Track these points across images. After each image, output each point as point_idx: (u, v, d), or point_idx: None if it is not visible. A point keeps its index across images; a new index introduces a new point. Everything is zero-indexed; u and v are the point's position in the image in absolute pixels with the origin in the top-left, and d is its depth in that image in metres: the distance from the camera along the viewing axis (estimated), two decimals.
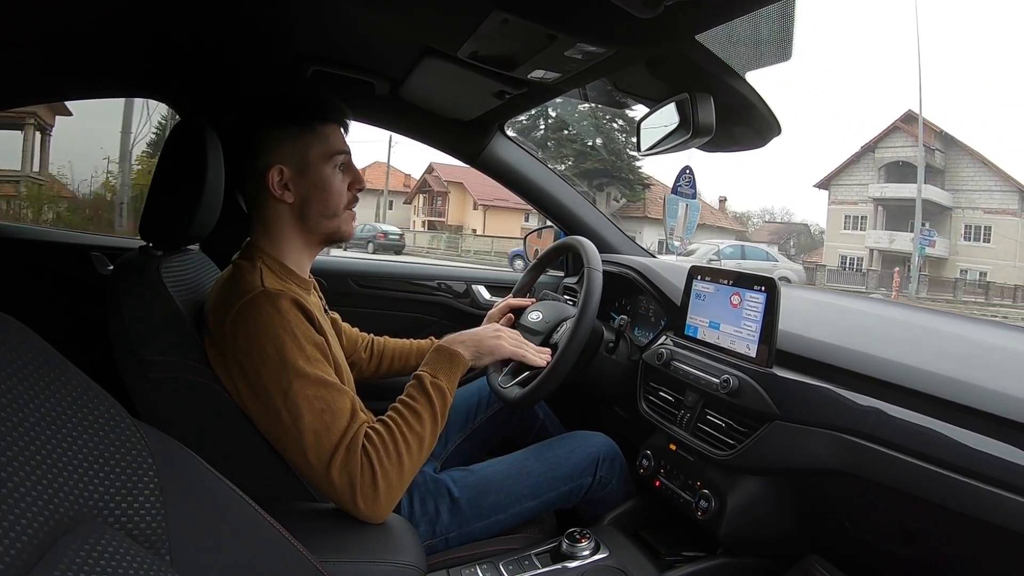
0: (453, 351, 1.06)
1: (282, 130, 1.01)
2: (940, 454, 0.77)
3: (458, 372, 1.04)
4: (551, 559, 1.10)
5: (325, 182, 1.03)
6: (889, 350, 0.95)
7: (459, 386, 1.07)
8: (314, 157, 1.02)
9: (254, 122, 1.03)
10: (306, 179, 1.02)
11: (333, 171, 1.03)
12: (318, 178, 1.02)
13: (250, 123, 1.03)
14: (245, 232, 1.08)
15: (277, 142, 1.01)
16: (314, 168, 1.02)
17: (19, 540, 0.35)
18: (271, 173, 1.00)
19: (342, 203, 1.05)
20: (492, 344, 1.12)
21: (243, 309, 0.91)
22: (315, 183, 1.02)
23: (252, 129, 1.02)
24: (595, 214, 1.84)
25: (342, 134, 1.06)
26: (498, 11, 0.90)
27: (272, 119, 1.02)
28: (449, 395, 1.00)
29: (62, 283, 1.70)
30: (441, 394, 0.99)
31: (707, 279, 1.18)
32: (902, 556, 0.86)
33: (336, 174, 1.04)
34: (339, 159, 1.04)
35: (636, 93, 1.27)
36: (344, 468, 0.87)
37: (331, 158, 1.03)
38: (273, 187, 1.00)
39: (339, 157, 1.04)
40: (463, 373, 1.06)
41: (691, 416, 1.13)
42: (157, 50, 1.39)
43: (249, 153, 1.02)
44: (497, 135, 1.69)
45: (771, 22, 0.98)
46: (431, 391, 0.98)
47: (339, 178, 1.04)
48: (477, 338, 1.11)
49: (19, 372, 0.41)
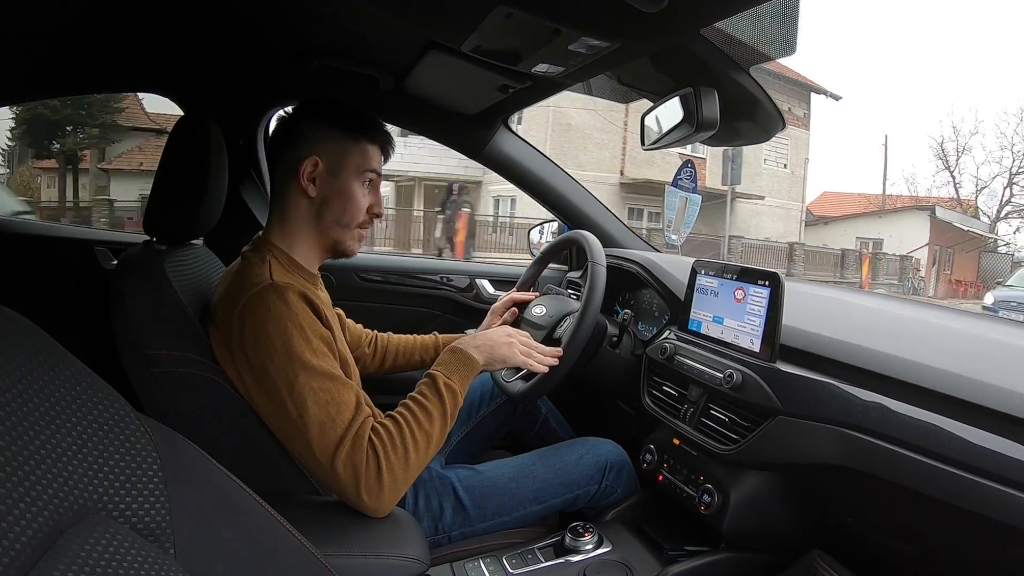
0: (468, 355, 1.05)
1: (330, 128, 1.04)
2: (944, 450, 0.77)
3: (471, 376, 1.05)
4: (554, 553, 1.11)
5: (350, 192, 1.04)
6: (893, 346, 0.94)
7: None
8: (349, 165, 1.04)
9: (305, 112, 1.05)
10: (334, 181, 1.04)
11: (360, 186, 1.06)
12: (345, 185, 1.04)
13: (302, 113, 1.05)
14: (249, 227, 1.08)
15: (321, 137, 1.03)
16: (345, 174, 1.04)
17: (24, 535, 0.35)
18: (306, 162, 1.02)
19: (357, 219, 1.06)
20: (504, 353, 1.11)
21: (251, 302, 0.91)
22: (340, 189, 1.04)
23: (301, 118, 1.05)
24: (599, 208, 1.84)
25: (380, 157, 1.09)
26: (502, 5, 0.89)
27: (324, 117, 1.04)
28: (460, 397, 1.01)
29: (66, 278, 1.71)
30: (453, 395, 1.00)
31: (711, 274, 1.18)
32: (905, 552, 0.86)
33: (362, 190, 1.06)
34: (369, 176, 1.06)
35: (640, 87, 1.27)
36: (349, 460, 0.87)
37: (363, 173, 1.05)
38: (303, 176, 1.02)
39: (369, 175, 1.06)
40: (475, 377, 1.06)
41: (695, 411, 1.13)
42: (160, 44, 1.39)
43: (291, 139, 1.04)
44: (501, 129, 1.69)
45: (775, 16, 0.97)
46: (443, 391, 0.99)
47: (363, 194, 1.06)
48: (491, 344, 1.10)
49: (23, 367, 0.41)
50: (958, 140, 26.48)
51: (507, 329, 1.17)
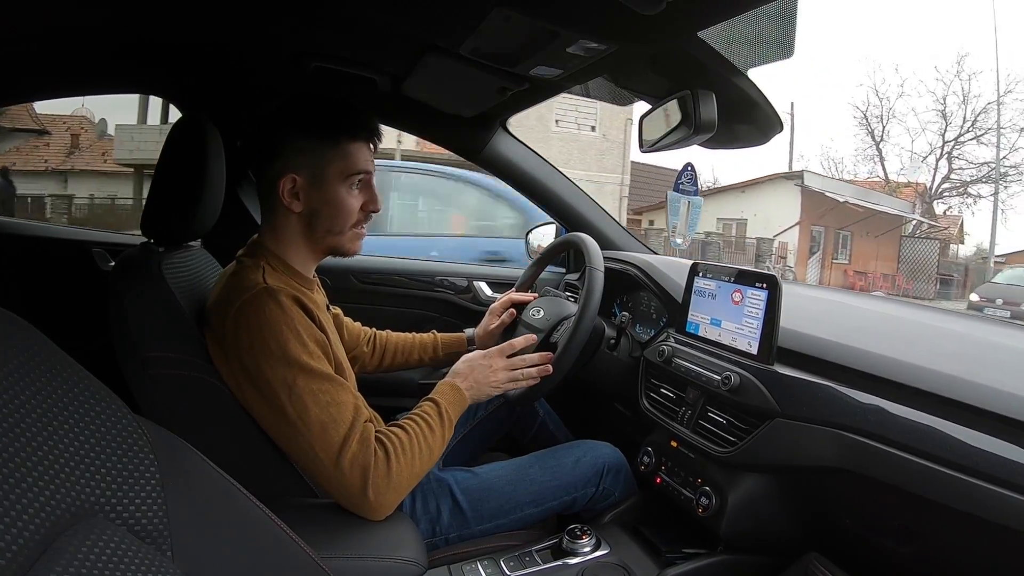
0: (461, 392, 1.07)
1: (304, 139, 0.99)
2: (941, 452, 0.77)
3: (462, 410, 1.07)
4: (552, 555, 1.10)
5: (337, 199, 1.01)
6: (890, 347, 0.94)
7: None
8: (331, 173, 1.00)
9: (277, 124, 1.00)
10: (318, 192, 1.00)
11: (348, 190, 1.02)
12: (331, 195, 1.00)
13: (273, 124, 1.01)
14: (247, 229, 1.08)
15: (296, 151, 0.99)
16: (329, 184, 1.00)
17: (20, 536, 0.35)
18: (283, 181, 0.99)
19: (350, 222, 1.04)
20: (489, 391, 1.12)
21: (245, 306, 0.91)
22: (327, 199, 1.00)
23: (271, 133, 1.00)
24: (597, 211, 1.84)
25: (368, 151, 1.04)
26: (500, 8, 0.89)
27: (296, 127, 0.99)
28: (454, 426, 1.04)
29: (64, 279, 1.70)
30: (450, 422, 1.03)
31: (708, 276, 1.18)
32: (902, 554, 0.86)
33: (351, 192, 1.02)
34: (357, 178, 1.02)
35: (638, 89, 1.27)
36: (357, 460, 0.88)
37: (348, 177, 1.01)
38: (283, 195, 0.99)
39: (357, 176, 1.02)
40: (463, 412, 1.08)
41: (692, 413, 1.14)
42: (158, 46, 1.39)
43: (267, 154, 1.00)
44: (499, 131, 1.69)
45: (773, 19, 0.97)
46: (444, 415, 1.02)
47: (353, 196, 1.03)
48: (477, 383, 1.10)
49: (21, 368, 0.41)
50: (883, 107, 23.20)
51: (489, 358, 1.14)
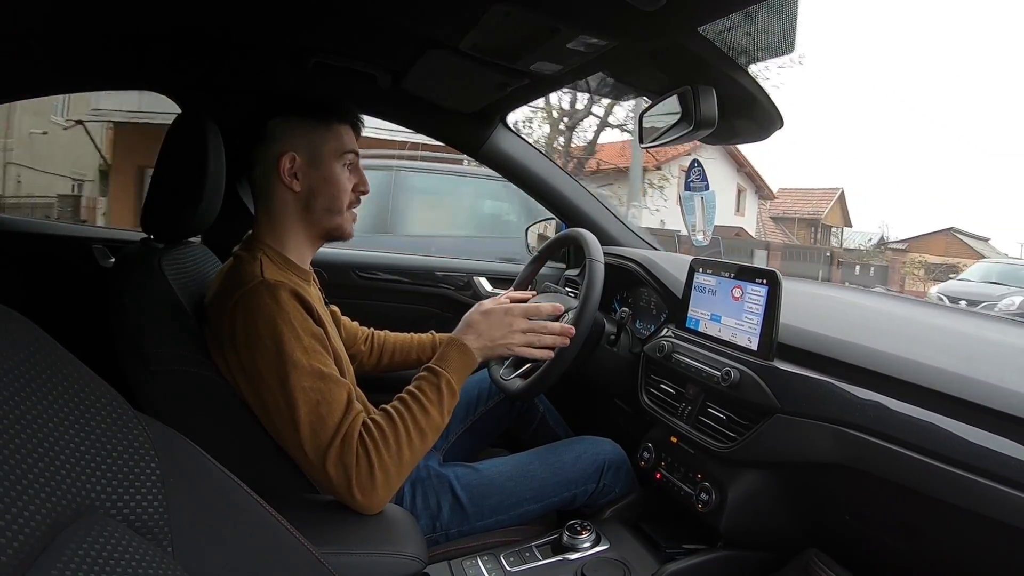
0: (468, 350, 1.03)
1: (300, 120, 1.04)
2: (941, 449, 0.77)
3: (469, 372, 1.03)
4: (552, 551, 1.11)
5: (334, 177, 1.05)
6: (890, 344, 0.94)
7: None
8: (326, 152, 1.05)
9: (271, 111, 1.05)
10: (316, 171, 1.04)
11: (342, 168, 1.06)
12: (328, 172, 1.05)
13: (267, 112, 1.05)
14: (246, 225, 1.08)
15: (293, 131, 1.04)
16: (325, 162, 1.05)
17: (21, 533, 0.35)
18: (284, 160, 1.02)
19: (346, 200, 1.07)
20: (502, 349, 1.08)
21: (242, 300, 0.91)
22: (324, 176, 1.05)
23: (267, 117, 1.04)
24: (597, 206, 1.84)
25: (353, 135, 1.10)
26: (500, 3, 0.89)
27: (291, 109, 1.05)
28: (458, 395, 1.00)
29: (64, 275, 1.70)
30: (452, 393, 0.98)
31: (708, 272, 1.18)
32: (902, 550, 0.87)
33: (344, 172, 1.07)
34: (348, 158, 1.07)
35: (638, 85, 1.27)
36: (339, 460, 0.87)
37: (341, 156, 1.06)
38: (283, 173, 1.02)
39: (348, 156, 1.07)
40: (472, 372, 1.05)
41: (692, 409, 1.14)
42: (157, 42, 1.38)
43: (263, 140, 1.04)
44: (499, 127, 1.68)
45: (773, 14, 0.97)
46: (443, 388, 0.98)
47: (346, 176, 1.07)
48: (491, 340, 1.06)
49: (21, 364, 0.41)
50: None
51: (511, 315, 1.10)
